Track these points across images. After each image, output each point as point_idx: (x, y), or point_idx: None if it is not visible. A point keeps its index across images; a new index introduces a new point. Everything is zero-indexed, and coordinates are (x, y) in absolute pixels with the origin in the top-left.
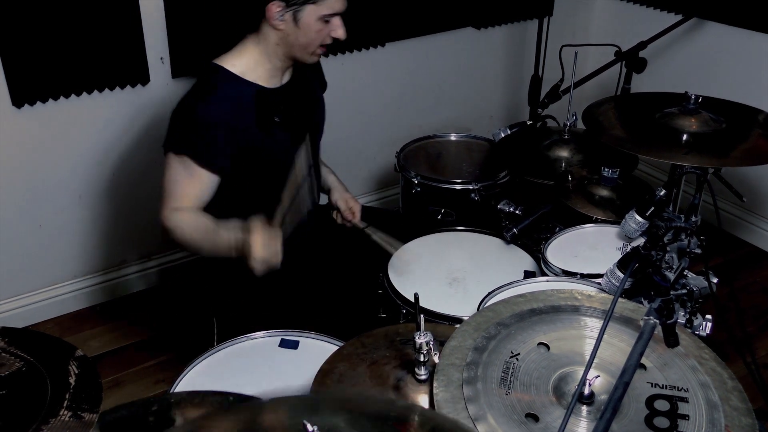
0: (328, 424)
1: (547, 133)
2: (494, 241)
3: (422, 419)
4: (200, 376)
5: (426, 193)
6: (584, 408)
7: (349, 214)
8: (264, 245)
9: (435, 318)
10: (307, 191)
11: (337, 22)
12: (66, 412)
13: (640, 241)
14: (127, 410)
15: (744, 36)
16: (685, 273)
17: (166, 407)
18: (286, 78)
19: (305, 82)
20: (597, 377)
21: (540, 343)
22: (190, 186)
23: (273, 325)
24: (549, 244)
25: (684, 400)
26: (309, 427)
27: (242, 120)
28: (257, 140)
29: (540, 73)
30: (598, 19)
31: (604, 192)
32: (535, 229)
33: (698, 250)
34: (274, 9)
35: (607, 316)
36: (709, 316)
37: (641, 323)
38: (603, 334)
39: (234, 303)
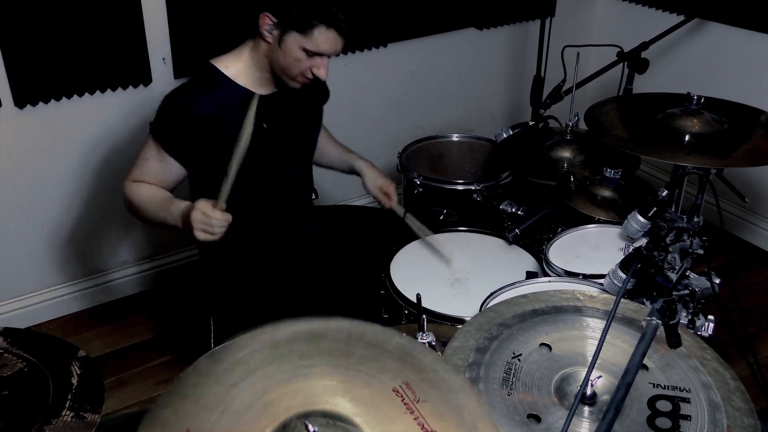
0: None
1: (549, 134)
2: (496, 242)
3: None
4: None
5: (428, 193)
6: (586, 408)
7: (386, 200)
8: (198, 220)
9: (437, 318)
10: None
11: (321, 60)
12: (68, 412)
13: (643, 241)
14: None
15: (746, 37)
16: (687, 273)
17: None
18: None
19: (300, 92)
20: (599, 378)
21: (542, 344)
22: (157, 170)
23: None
24: (551, 245)
25: (686, 400)
26: (311, 427)
27: (227, 122)
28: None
29: (542, 74)
30: (600, 20)
31: (606, 192)
32: (538, 230)
33: (700, 251)
34: (266, 20)
35: (610, 317)
36: (711, 317)
37: (643, 324)
38: (605, 334)
39: (234, 304)
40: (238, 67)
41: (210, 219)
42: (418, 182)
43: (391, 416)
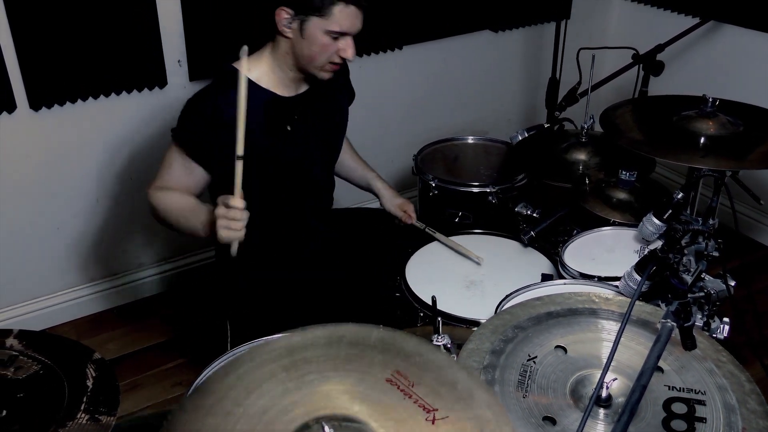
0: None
1: (564, 136)
2: (512, 244)
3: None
4: None
5: (443, 196)
6: (601, 411)
7: (407, 218)
8: (222, 226)
9: (452, 321)
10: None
11: (346, 41)
12: (83, 415)
13: (658, 243)
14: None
15: (761, 39)
16: (702, 276)
17: None
18: (303, 88)
19: (325, 94)
20: (614, 380)
21: (557, 346)
22: (182, 177)
23: (288, 327)
24: (566, 247)
25: (701, 403)
26: (326, 429)
27: (250, 125)
28: (264, 147)
29: (557, 76)
30: (615, 22)
31: (621, 195)
32: (553, 232)
33: (716, 253)
34: (283, 15)
35: (625, 319)
36: (726, 319)
37: (659, 326)
38: (620, 336)
39: (249, 305)
40: (260, 69)
41: (234, 212)
42: (434, 184)
43: (392, 405)
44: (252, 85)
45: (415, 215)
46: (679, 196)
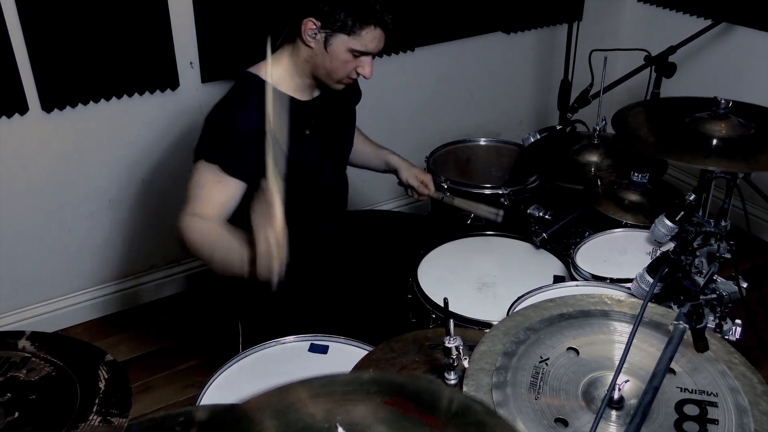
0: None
1: (576, 138)
2: (524, 246)
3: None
4: (229, 381)
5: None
6: (614, 413)
7: (423, 188)
8: (265, 257)
9: (464, 323)
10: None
11: (366, 60)
12: (95, 416)
13: (670, 245)
14: (153, 421)
15: None
16: (714, 277)
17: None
18: (316, 92)
19: (337, 96)
20: (626, 382)
21: (569, 348)
22: (217, 193)
23: (301, 329)
24: (579, 249)
25: (713, 404)
26: (340, 429)
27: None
28: (287, 151)
29: (569, 78)
30: (627, 24)
31: (633, 196)
32: (565, 234)
33: (728, 255)
34: (309, 25)
35: (637, 321)
36: (738, 321)
37: (671, 328)
38: (633, 338)
39: (261, 307)
40: (278, 73)
41: (278, 245)
42: (446, 186)
43: (394, 420)
44: (273, 90)
45: (433, 186)
46: (691, 198)
